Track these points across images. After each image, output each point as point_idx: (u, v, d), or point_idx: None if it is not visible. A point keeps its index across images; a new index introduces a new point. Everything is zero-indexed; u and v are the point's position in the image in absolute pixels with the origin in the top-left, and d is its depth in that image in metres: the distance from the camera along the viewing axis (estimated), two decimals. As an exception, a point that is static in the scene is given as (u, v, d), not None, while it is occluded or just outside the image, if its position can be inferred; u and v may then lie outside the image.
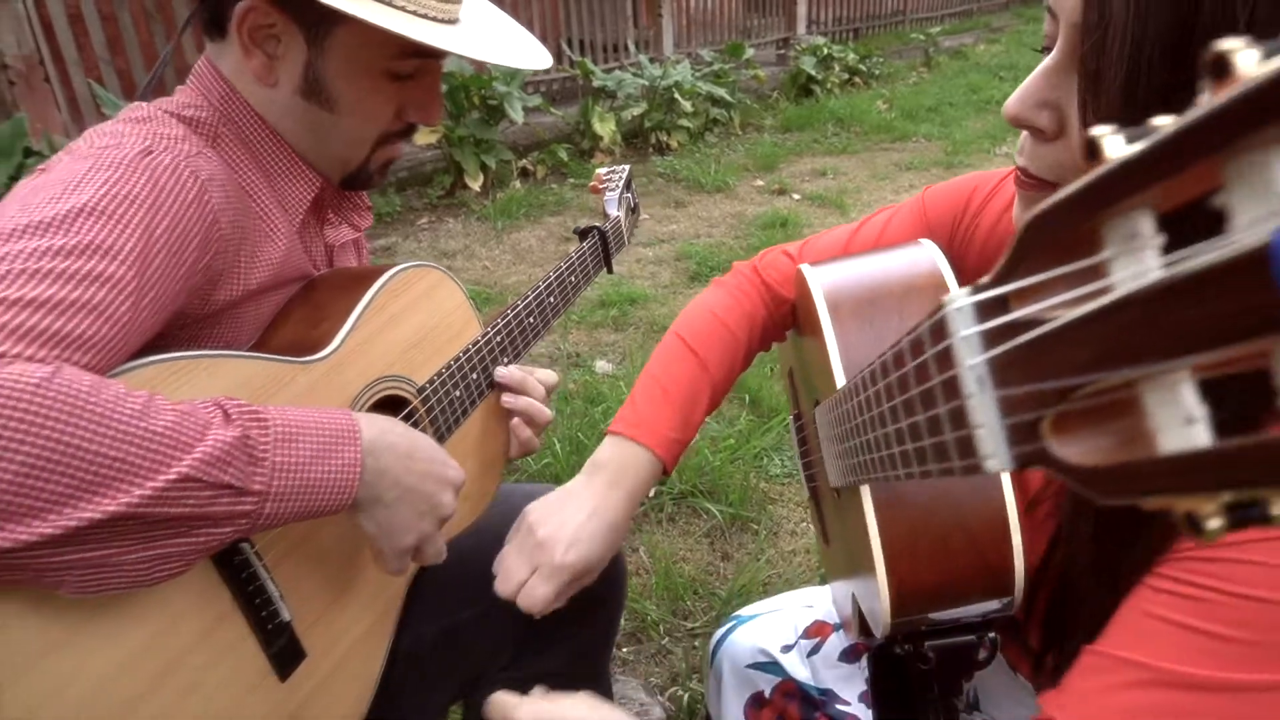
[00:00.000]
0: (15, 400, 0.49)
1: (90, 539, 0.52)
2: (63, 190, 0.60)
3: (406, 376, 0.89)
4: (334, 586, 0.81)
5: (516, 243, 4.17)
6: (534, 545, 0.77)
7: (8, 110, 4.22)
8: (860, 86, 7.67)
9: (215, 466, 0.57)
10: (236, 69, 0.79)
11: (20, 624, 0.55)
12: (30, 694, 0.55)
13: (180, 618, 0.65)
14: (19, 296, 0.53)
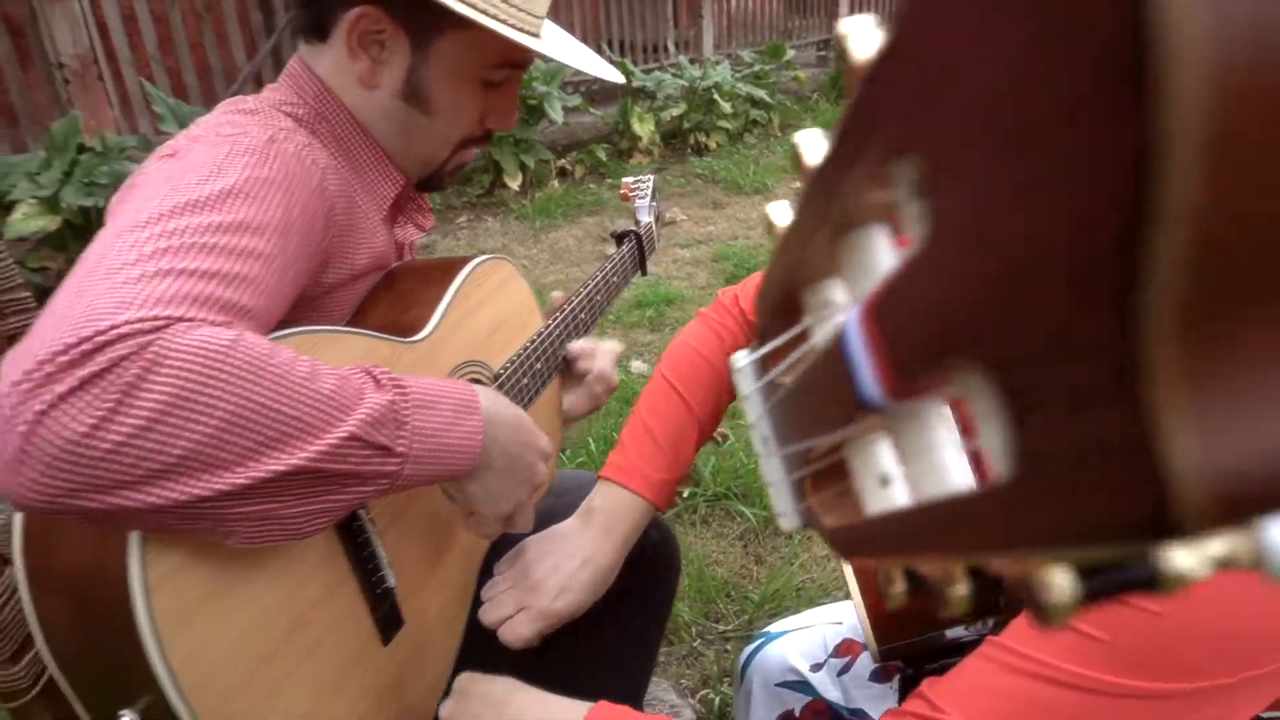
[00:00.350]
0: (210, 359, 0.51)
1: (267, 491, 0.54)
2: (210, 172, 0.62)
3: (485, 362, 0.94)
4: (427, 557, 0.86)
5: (554, 242, 4.18)
6: (526, 587, 0.82)
7: (63, 107, 4.33)
8: (902, 89, 7.59)
9: (373, 427, 0.59)
10: (333, 70, 0.82)
11: (184, 574, 0.58)
12: (191, 641, 0.58)
13: (306, 580, 0.69)
14: (194, 267, 0.55)
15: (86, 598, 0.58)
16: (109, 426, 0.47)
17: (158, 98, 3.78)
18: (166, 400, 0.49)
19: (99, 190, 3.33)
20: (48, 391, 0.46)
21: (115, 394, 0.47)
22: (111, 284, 0.51)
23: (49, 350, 0.47)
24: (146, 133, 4.62)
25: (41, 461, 0.46)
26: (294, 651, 0.67)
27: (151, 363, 0.48)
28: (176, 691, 0.56)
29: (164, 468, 0.50)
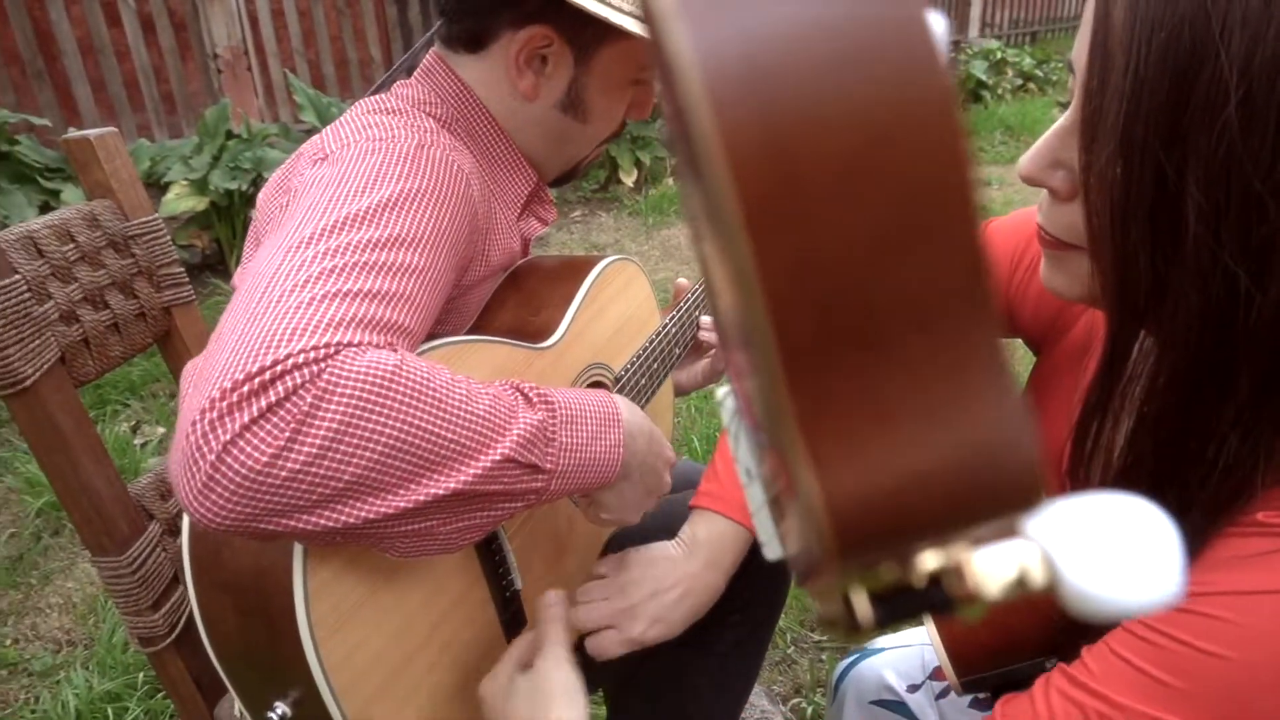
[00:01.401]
0: (377, 386, 0.52)
1: (426, 513, 0.56)
2: (366, 184, 0.63)
3: (607, 364, 0.94)
4: (548, 559, 0.88)
5: (666, 239, 4.19)
6: (622, 607, 0.81)
7: (215, 95, 4.62)
8: (1034, 93, 7.27)
9: (526, 448, 0.60)
10: (483, 80, 0.82)
11: (340, 582, 0.61)
12: (344, 645, 0.61)
13: (443, 584, 0.72)
14: (356, 289, 0.56)
15: (250, 599, 0.62)
16: (287, 455, 0.49)
17: (298, 88, 3.99)
18: (337, 428, 0.50)
19: (241, 174, 3.53)
20: (233, 421, 0.48)
21: (292, 424, 0.49)
22: (284, 308, 0.53)
23: (231, 379, 0.49)
24: (286, 121, 4.88)
25: (227, 489, 0.48)
26: (431, 652, 0.70)
27: (324, 391, 0.50)
28: (329, 692, 0.60)
29: (335, 493, 0.52)
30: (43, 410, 0.87)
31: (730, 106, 0.16)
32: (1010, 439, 0.18)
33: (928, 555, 0.20)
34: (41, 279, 0.89)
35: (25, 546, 2.05)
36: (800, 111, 0.16)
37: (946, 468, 0.17)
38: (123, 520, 0.95)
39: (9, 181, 3.00)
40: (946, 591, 0.20)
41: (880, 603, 0.20)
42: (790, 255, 0.16)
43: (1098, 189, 0.50)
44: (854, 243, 0.16)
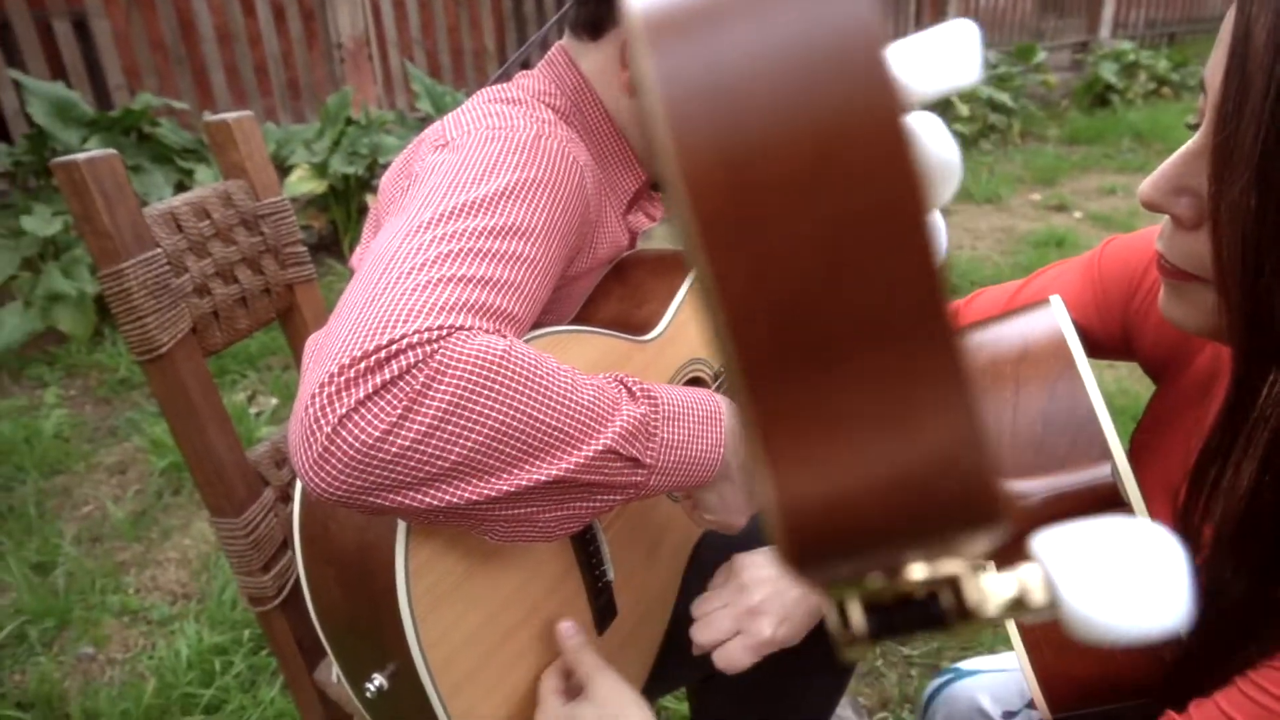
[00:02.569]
0: (486, 368, 0.53)
1: (527, 498, 0.57)
2: (484, 172, 0.64)
3: (708, 360, 0.93)
4: (641, 553, 0.88)
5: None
6: (745, 609, 0.79)
7: (337, 83, 4.81)
8: (1168, 98, 6.87)
9: (627, 440, 0.61)
10: (597, 70, 0.83)
11: (440, 561, 0.63)
12: (441, 623, 0.63)
13: (538, 571, 0.73)
14: (471, 274, 0.58)
15: (354, 573, 0.64)
16: (398, 431, 0.51)
17: (416, 77, 4.11)
18: (446, 408, 0.52)
19: (359, 160, 3.67)
20: (349, 396, 0.50)
21: (404, 401, 0.51)
22: (402, 289, 0.55)
23: (349, 355, 0.51)
24: (403, 108, 5.04)
25: (341, 461, 0.50)
26: (524, 637, 0.72)
27: (436, 372, 0.51)
28: (425, 668, 0.61)
29: (441, 473, 0.53)
30: (175, 377, 0.93)
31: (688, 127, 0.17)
32: (964, 456, 0.18)
33: (915, 567, 0.20)
34: (180, 253, 0.94)
35: (149, 503, 2.18)
36: (753, 131, 0.17)
37: (899, 480, 0.18)
38: (240, 485, 1.00)
39: (149, 161, 3.20)
40: (943, 607, 0.20)
41: (875, 614, 0.21)
42: (745, 269, 0.17)
43: (1228, 220, 0.47)
44: (806, 259, 0.17)
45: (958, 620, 0.20)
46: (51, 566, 1.94)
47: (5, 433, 2.42)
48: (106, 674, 1.68)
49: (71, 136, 3.04)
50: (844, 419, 0.17)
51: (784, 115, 0.17)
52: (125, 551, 2.02)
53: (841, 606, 0.21)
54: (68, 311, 2.86)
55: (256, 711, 1.53)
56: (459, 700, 0.64)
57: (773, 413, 0.17)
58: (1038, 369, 0.65)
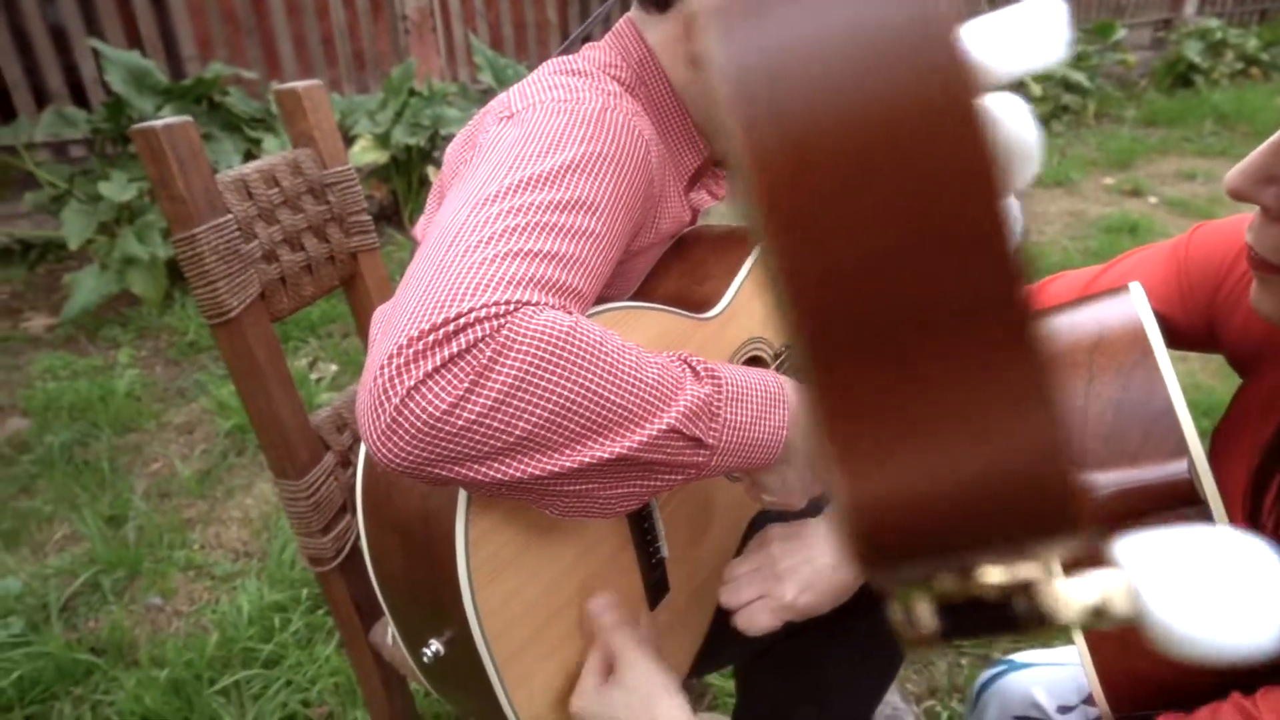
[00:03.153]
0: (553, 344, 0.53)
1: (589, 475, 0.58)
2: (551, 144, 0.64)
3: (768, 338, 0.92)
4: (694, 531, 0.88)
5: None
6: (771, 574, 0.80)
7: (401, 55, 4.85)
8: (1257, 79, 6.56)
9: (691, 420, 0.61)
10: (664, 43, 0.82)
11: (499, 533, 0.64)
12: (499, 593, 0.64)
13: (594, 546, 0.74)
14: (538, 249, 0.57)
15: (415, 541, 0.65)
16: (465, 405, 0.51)
17: (479, 49, 4.12)
18: (512, 382, 0.52)
19: (421, 131, 3.70)
20: (417, 369, 0.51)
21: (471, 375, 0.51)
22: (469, 263, 0.55)
23: (417, 328, 0.51)
24: (465, 80, 5.07)
25: (409, 433, 0.51)
26: (577, 609, 0.72)
27: (503, 346, 0.52)
28: (481, 636, 0.62)
29: (505, 447, 0.53)
30: (243, 341, 0.95)
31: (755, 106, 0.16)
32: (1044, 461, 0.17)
33: (990, 570, 0.19)
34: (250, 219, 0.96)
35: (214, 463, 2.25)
36: (821, 110, 0.16)
37: (973, 483, 0.17)
38: (303, 448, 1.03)
39: (219, 129, 3.27)
40: (1017, 611, 0.19)
41: (946, 614, 0.20)
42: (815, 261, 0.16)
43: None
44: (871, 248, 0.16)
45: (1033, 625, 0.19)
46: (123, 520, 2.02)
47: (82, 390, 2.52)
48: (173, 624, 1.75)
49: (146, 104, 3.12)
50: (918, 417, 0.17)
51: (854, 94, 0.16)
52: (191, 508, 2.10)
53: (908, 604, 0.20)
54: (141, 275, 2.96)
55: (313, 668, 1.58)
56: (513, 669, 0.65)
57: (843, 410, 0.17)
58: (1113, 357, 0.63)
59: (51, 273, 3.37)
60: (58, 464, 2.21)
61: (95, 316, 2.99)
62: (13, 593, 1.77)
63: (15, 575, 1.82)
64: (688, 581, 0.88)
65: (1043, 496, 0.17)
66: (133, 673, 1.58)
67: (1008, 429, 0.17)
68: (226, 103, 3.31)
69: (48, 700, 1.55)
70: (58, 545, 1.96)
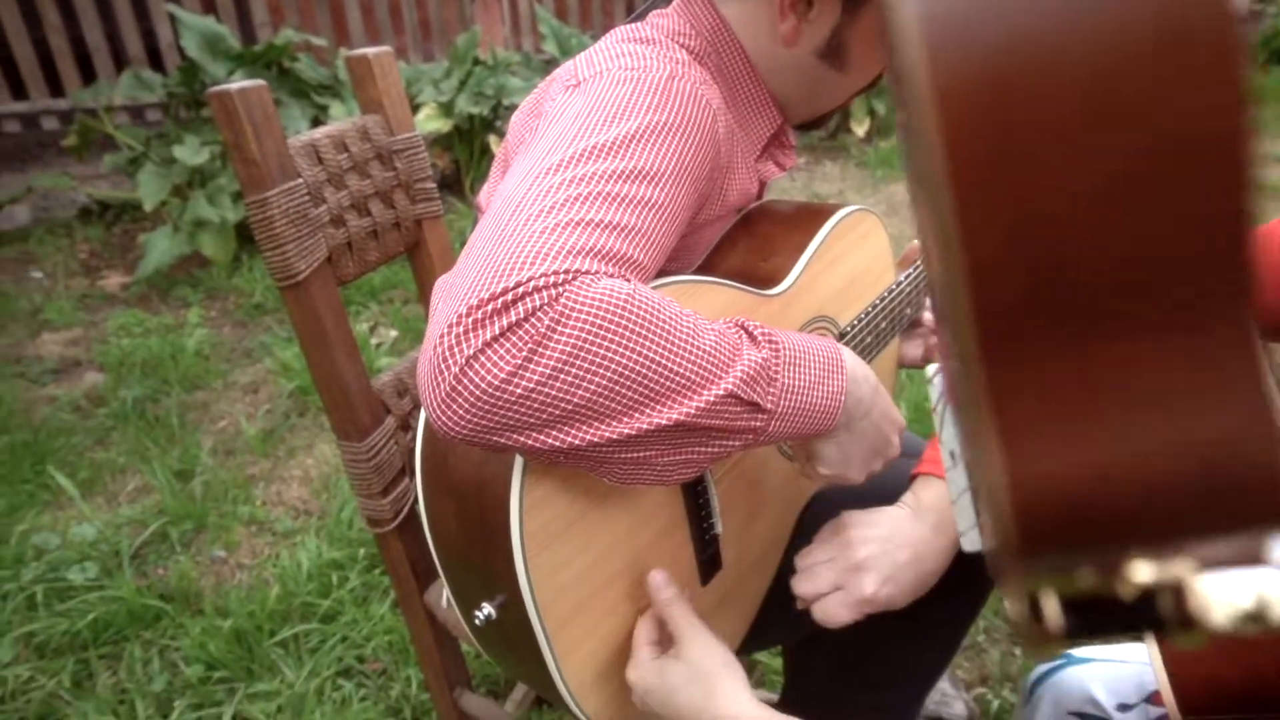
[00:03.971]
0: (610, 312, 0.53)
1: (647, 441, 0.58)
2: (616, 113, 0.64)
3: (833, 318, 0.91)
4: (750, 508, 0.88)
5: (892, 195, 4.01)
6: (848, 565, 0.77)
7: (466, 23, 4.86)
8: (1355, 58, 6.21)
9: (749, 385, 0.60)
10: (744, 18, 0.80)
11: (554, 501, 0.65)
12: (551, 561, 0.65)
13: (648, 519, 0.74)
14: (598, 218, 0.57)
15: (470, 506, 0.66)
16: (523, 373, 0.51)
17: (544, 18, 4.11)
18: (570, 351, 0.52)
19: (484, 100, 3.72)
20: (476, 338, 0.51)
21: (530, 343, 0.51)
22: (529, 232, 0.55)
23: (477, 297, 0.52)
24: (529, 50, 5.06)
25: (468, 400, 0.51)
26: (627, 580, 0.72)
27: (561, 314, 0.52)
28: (532, 603, 0.63)
29: (564, 414, 0.54)
30: (310, 303, 0.97)
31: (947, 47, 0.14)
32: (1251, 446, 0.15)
33: (1139, 566, 0.17)
34: (319, 184, 0.98)
35: (277, 422, 2.32)
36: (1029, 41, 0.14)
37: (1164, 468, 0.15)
38: (365, 411, 1.05)
39: (288, 95, 3.33)
40: (1159, 611, 0.18)
41: (1074, 611, 0.18)
42: (1002, 215, 0.14)
43: None
44: (1081, 197, 0.14)
45: (1176, 628, 0.17)
46: (190, 474, 2.09)
47: (154, 348, 2.60)
48: (236, 576, 1.81)
49: (219, 69, 3.18)
50: (1104, 391, 0.15)
51: (1072, 19, 0.14)
52: (255, 466, 2.16)
53: (1036, 598, 0.19)
54: (211, 237, 3.04)
55: (368, 625, 1.62)
56: (563, 636, 0.65)
57: (1013, 379, 0.15)
58: None
59: (127, 233, 3.48)
60: (131, 418, 2.30)
61: (167, 276, 3.08)
62: (88, 539, 1.85)
63: (91, 522, 1.90)
64: (739, 560, 0.87)
65: (1249, 484, 0.15)
66: (198, 620, 1.64)
67: (1217, 408, 0.15)
68: (295, 69, 3.36)
69: (120, 642, 1.62)
70: (130, 496, 2.04)
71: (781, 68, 0.82)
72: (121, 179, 3.55)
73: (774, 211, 0.92)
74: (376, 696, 1.51)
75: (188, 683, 1.52)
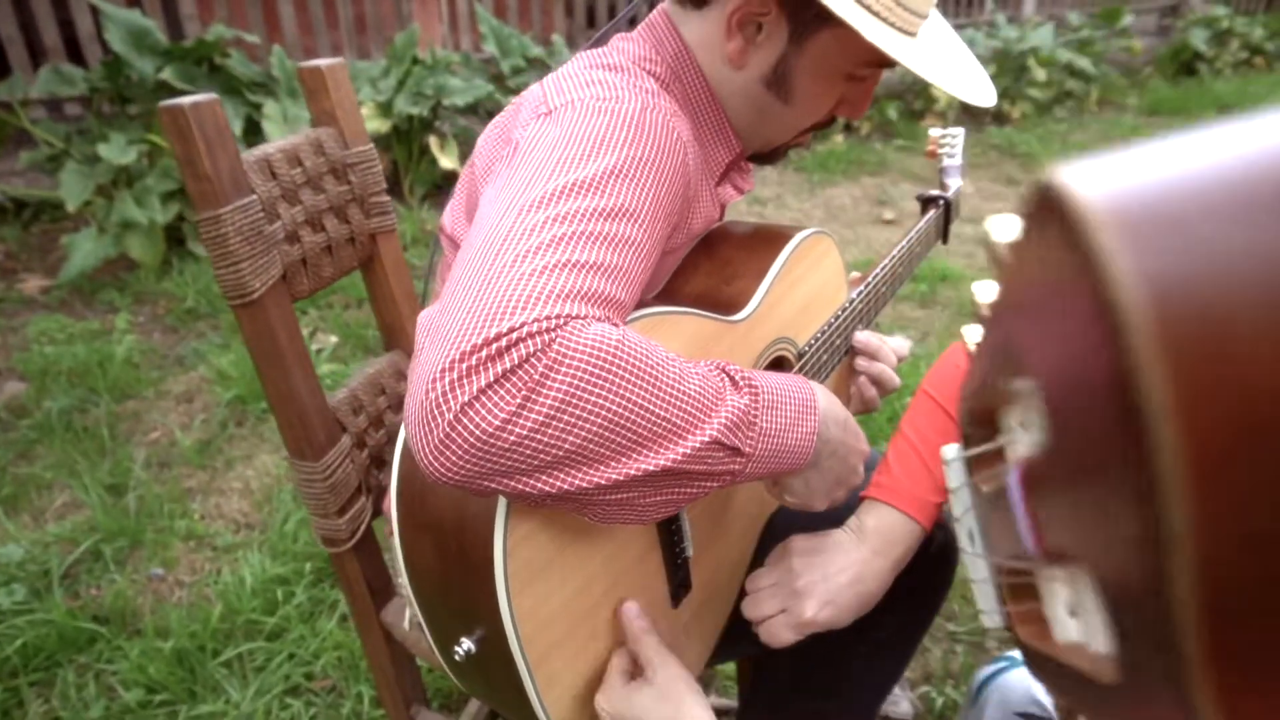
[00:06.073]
0: (601, 359, 0.53)
1: (632, 486, 0.58)
2: (592, 148, 0.64)
3: (793, 339, 0.92)
4: (716, 529, 0.89)
5: (830, 199, 4.08)
6: (791, 590, 0.81)
7: (403, 21, 4.78)
8: (1260, 69, 6.55)
9: (731, 431, 0.61)
10: (700, 39, 0.80)
11: (535, 539, 0.64)
12: (533, 597, 0.65)
13: (624, 547, 0.74)
14: (583, 260, 0.57)
15: (450, 543, 0.65)
16: (517, 420, 0.51)
17: (484, 18, 4.06)
18: (563, 398, 0.52)
19: (423, 100, 3.66)
20: (470, 385, 0.51)
21: (524, 391, 0.51)
22: (516, 275, 0.54)
23: (470, 343, 0.51)
24: (468, 49, 5.00)
25: (461, 448, 0.51)
26: (605, 609, 0.73)
27: (554, 362, 0.52)
28: (516, 639, 0.63)
29: (555, 460, 0.54)
30: (265, 322, 0.94)
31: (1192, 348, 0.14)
32: None
33: None
34: (273, 200, 0.96)
35: (214, 433, 2.25)
36: None
37: None
38: (321, 430, 1.03)
39: (220, 93, 3.22)
40: None
41: None
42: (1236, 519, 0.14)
43: None
44: None
45: None
46: (123, 488, 2.02)
47: (80, 355, 2.50)
48: (175, 594, 1.75)
49: (146, 65, 3.07)
50: None
51: None
52: (191, 478, 2.09)
53: None
54: (139, 239, 2.93)
55: (316, 642, 1.59)
56: (544, 669, 0.66)
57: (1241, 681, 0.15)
58: None
59: (47, 233, 3.33)
60: (56, 430, 2.21)
61: (92, 280, 2.97)
62: (14, 560, 1.77)
63: (16, 542, 1.82)
64: (709, 578, 0.89)
65: None
66: (136, 642, 1.59)
67: None
68: (227, 66, 3.26)
69: (51, 668, 1.55)
70: (58, 512, 1.96)
71: (733, 93, 0.82)
72: (38, 176, 3.40)
73: (732, 235, 0.93)
74: (327, 714, 1.48)
75: (127, 707, 1.47)
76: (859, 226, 3.79)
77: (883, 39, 0.71)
